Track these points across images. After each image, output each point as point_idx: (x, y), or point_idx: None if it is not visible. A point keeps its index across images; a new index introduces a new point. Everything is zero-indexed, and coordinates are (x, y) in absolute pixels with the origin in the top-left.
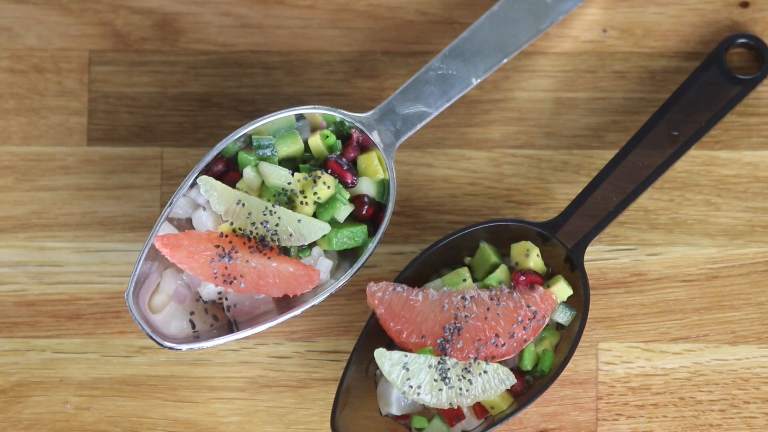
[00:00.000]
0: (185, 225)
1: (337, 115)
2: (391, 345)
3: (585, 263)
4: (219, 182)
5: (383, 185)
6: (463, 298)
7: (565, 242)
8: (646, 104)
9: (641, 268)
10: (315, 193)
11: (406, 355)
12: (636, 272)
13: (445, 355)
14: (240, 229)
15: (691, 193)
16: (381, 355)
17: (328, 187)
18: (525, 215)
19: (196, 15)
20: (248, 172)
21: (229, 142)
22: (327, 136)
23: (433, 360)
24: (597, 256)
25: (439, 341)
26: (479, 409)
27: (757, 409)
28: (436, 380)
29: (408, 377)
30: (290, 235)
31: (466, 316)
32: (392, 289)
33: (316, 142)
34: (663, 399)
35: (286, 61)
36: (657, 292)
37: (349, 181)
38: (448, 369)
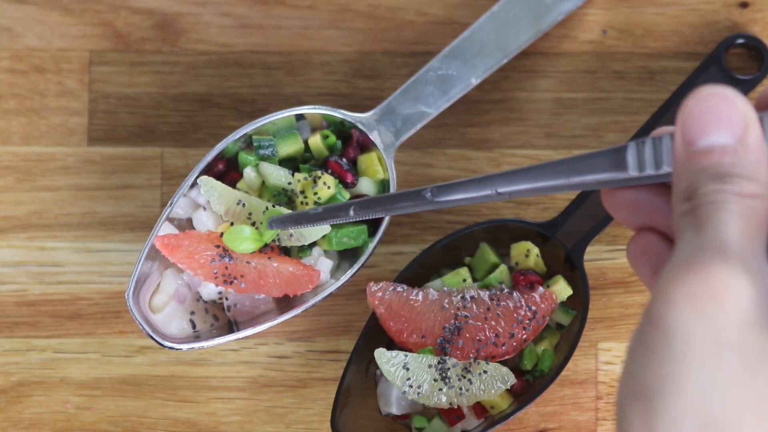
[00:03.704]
0: (185, 225)
1: (337, 115)
2: (391, 345)
3: (584, 263)
4: (219, 182)
5: (383, 185)
6: (463, 297)
7: (565, 242)
8: (646, 104)
9: None
10: (315, 194)
11: (406, 355)
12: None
13: (445, 354)
14: None
15: None
16: (381, 355)
17: (328, 187)
18: (525, 215)
19: (197, 15)
20: (248, 173)
21: (229, 142)
22: (327, 136)
23: (433, 360)
24: (597, 256)
25: (439, 341)
26: (479, 408)
27: None
28: (436, 380)
29: (408, 377)
30: (290, 235)
31: (466, 316)
32: (392, 289)
33: (316, 142)
34: None
35: (286, 61)
36: None
37: (349, 181)
38: (448, 369)
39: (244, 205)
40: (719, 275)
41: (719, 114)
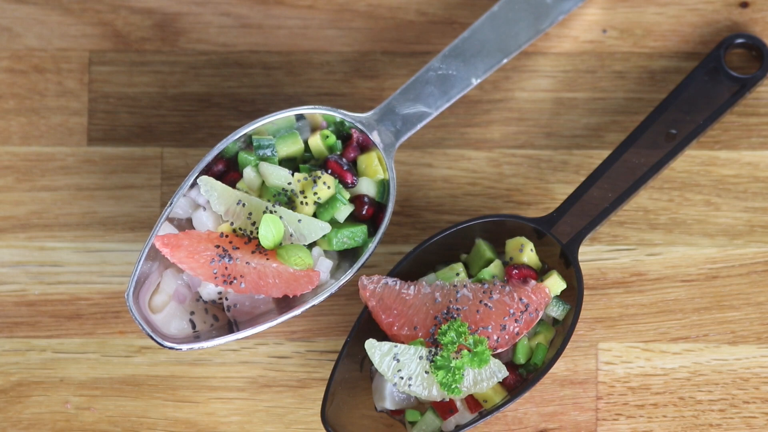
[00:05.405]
0: (185, 225)
1: (337, 115)
2: (384, 339)
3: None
4: (219, 182)
5: (383, 185)
6: (456, 291)
7: (560, 238)
8: (646, 104)
9: (641, 268)
10: (315, 193)
11: (396, 346)
12: (636, 272)
13: (437, 347)
14: (240, 229)
15: (690, 193)
16: (371, 345)
17: (328, 187)
18: (524, 215)
19: (196, 15)
20: (248, 172)
21: (229, 142)
22: (327, 136)
23: (424, 351)
24: (596, 256)
25: (431, 332)
26: (472, 402)
27: (757, 409)
28: (427, 372)
29: (399, 368)
30: (291, 235)
31: (458, 309)
32: (384, 282)
33: (316, 142)
34: (663, 399)
35: (286, 61)
36: (657, 292)
37: (349, 181)
38: None
39: (244, 205)
40: None
41: None
